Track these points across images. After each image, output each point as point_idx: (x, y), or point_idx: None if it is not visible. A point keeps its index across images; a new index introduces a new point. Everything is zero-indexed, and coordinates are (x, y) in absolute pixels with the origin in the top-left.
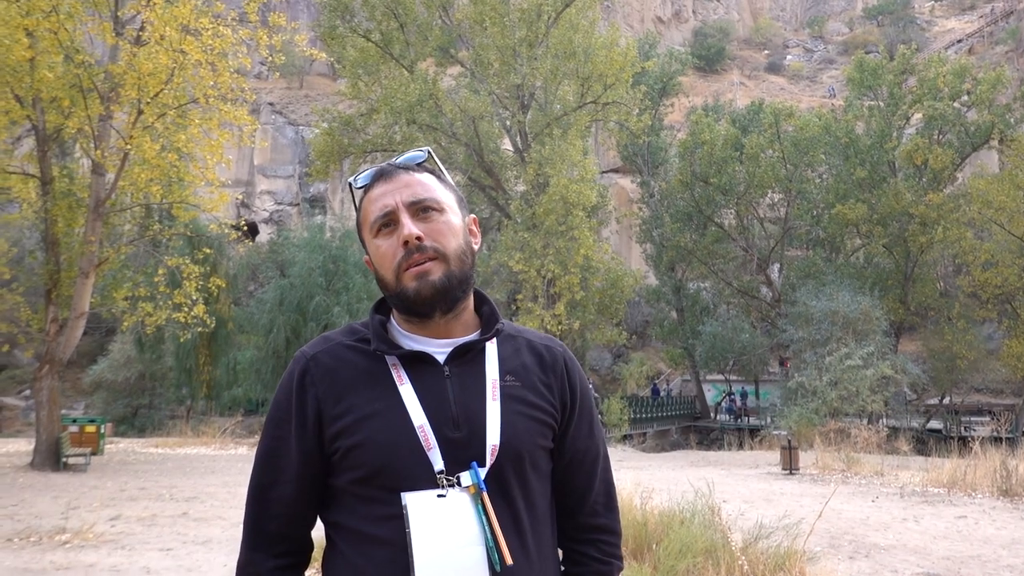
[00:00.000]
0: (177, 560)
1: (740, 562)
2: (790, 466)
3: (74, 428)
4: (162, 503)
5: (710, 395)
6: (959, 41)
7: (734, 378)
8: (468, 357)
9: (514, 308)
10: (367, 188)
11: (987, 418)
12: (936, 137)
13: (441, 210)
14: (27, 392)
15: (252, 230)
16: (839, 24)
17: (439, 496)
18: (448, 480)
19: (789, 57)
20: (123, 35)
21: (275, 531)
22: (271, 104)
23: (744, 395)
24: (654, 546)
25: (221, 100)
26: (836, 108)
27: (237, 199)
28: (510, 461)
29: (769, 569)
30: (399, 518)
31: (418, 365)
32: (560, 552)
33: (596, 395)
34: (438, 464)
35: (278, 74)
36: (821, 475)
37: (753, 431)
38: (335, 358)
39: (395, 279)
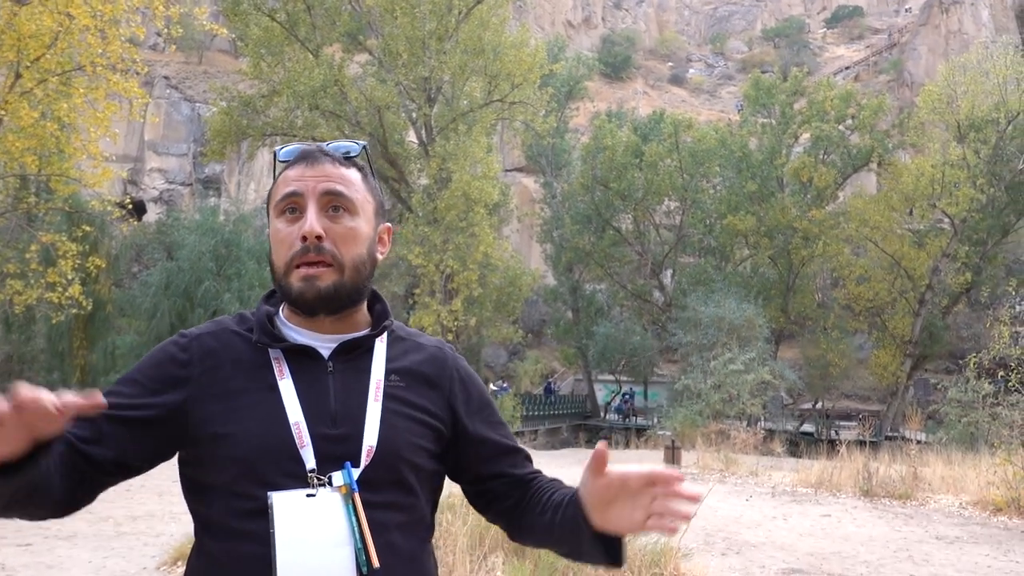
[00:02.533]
0: (36, 556)
1: None
2: (673, 465)
3: None
4: None
5: (601, 395)
6: (847, 68)
7: (624, 379)
8: (355, 354)
9: (411, 302)
10: (288, 164)
11: (854, 423)
12: (821, 157)
13: (353, 212)
14: None
15: (139, 209)
16: (739, 43)
17: (308, 496)
18: (319, 479)
19: (691, 70)
20: None
21: (88, 434)
22: (166, 78)
23: (632, 395)
24: None
25: (110, 70)
26: (732, 123)
27: (123, 176)
28: (386, 462)
29: (645, 565)
30: (266, 514)
31: (301, 359)
32: (512, 514)
33: (494, 388)
34: (310, 462)
35: (175, 47)
36: (701, 474)
37: (640, 431)
38: (219, 341)
39: (284, 270)
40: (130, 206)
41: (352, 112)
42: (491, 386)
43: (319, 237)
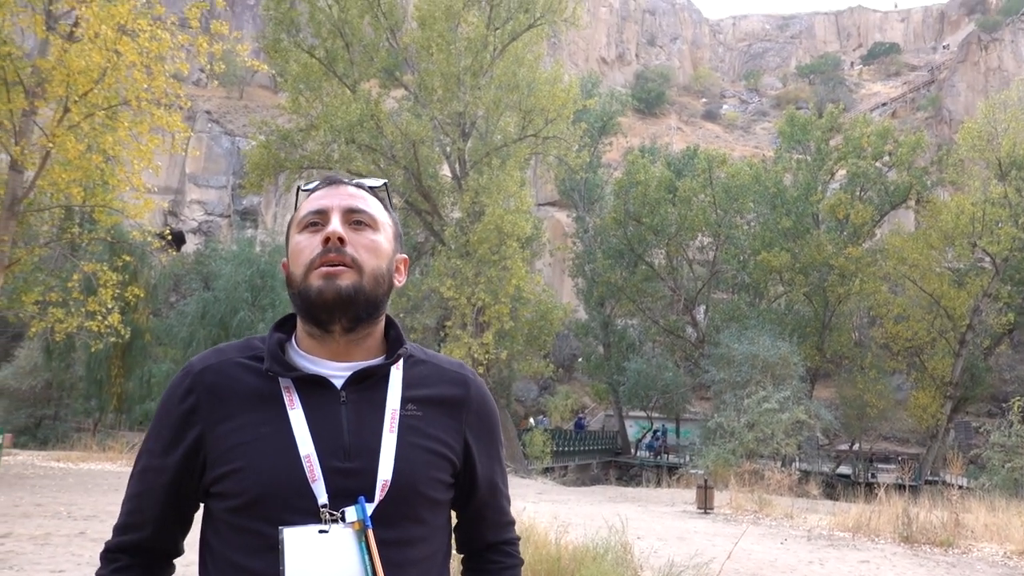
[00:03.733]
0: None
1: None
2: (705, 505)
3: None
4: (58, 521)
5: (632, 431)
6: (883, 104)
7: (656, 415)
8: (369, 383)
9: (443, 335)
10: (311, 192)
11: (893, 465)
12: (858, 193)
13: (375, 228)
14: None
15: (178, 239)
16: (773, 79)
17: (320, 532)
18: (332, 515)
19: (725, 106)
20: (55, 29)
21: (142, 541)
22: (208, 112)
23: (664, 432)
24: None
25: (154, 104)
26: (767, 159)
27: (164, 207)
28: (402, 497)
29: None
30: (276, 551)
31: (313, 389)
32: (469, 561)
33: (530, 422)
34: (322, 497)
35: (217, 83)
36: (734, 515)
37: (672, 469)
38: (223, 376)
39: (303, 275)
40: (169, 237)
41: (388, 146)
42: (530, 420)
43: (341, 239)
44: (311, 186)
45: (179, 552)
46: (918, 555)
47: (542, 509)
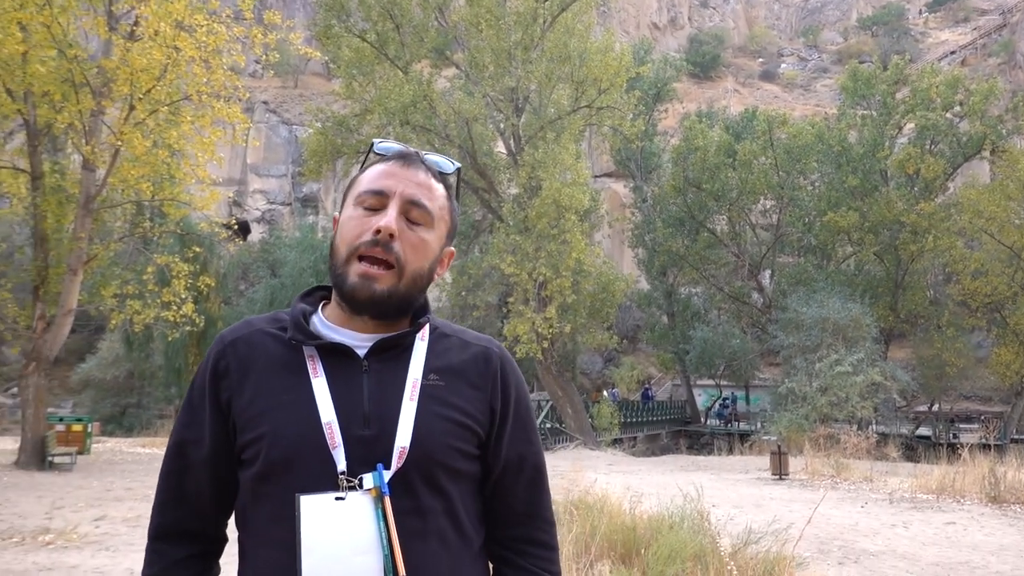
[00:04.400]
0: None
1: (729, 567)
2: (780, 471)
3: (60, 427)
4: (148, 504)
5: (700, 400)
6: (952, 52)
7: (724, 383)
8: (392, 353)
9: (505, 311)
10: (381, 159)
11: (976, 425)
12: (928, 147)
13: (428, 226)
14: (14, 390)
15: (243, 229)
16: (833, 33)
17: (337, 499)
18: (349, 482)
19: (783, 65)
20: (117, 30)
21: (183, 522)
22: (265, 103)
23: (734, 400)
24: (643, 551)
25: (214, 97)
26: (829, 116)
27: (229, 198)
28: (421, 464)
29: (758, 574)
30: (294, 518)
31: (336, 358)
32: (491, 565)
33: (603, 394)
34: (341, 464)
35: (272, 73)
36: (810, 480)
37: (743, 436)
38: (251, 345)
39: (346, 258)
40: (235, 227)
41: (442, 126)
42: (603, 393)
43: (392, 235)
44: (384, 150)
45: (222, 538)
46: (1007, 515)
47: (614, 480)
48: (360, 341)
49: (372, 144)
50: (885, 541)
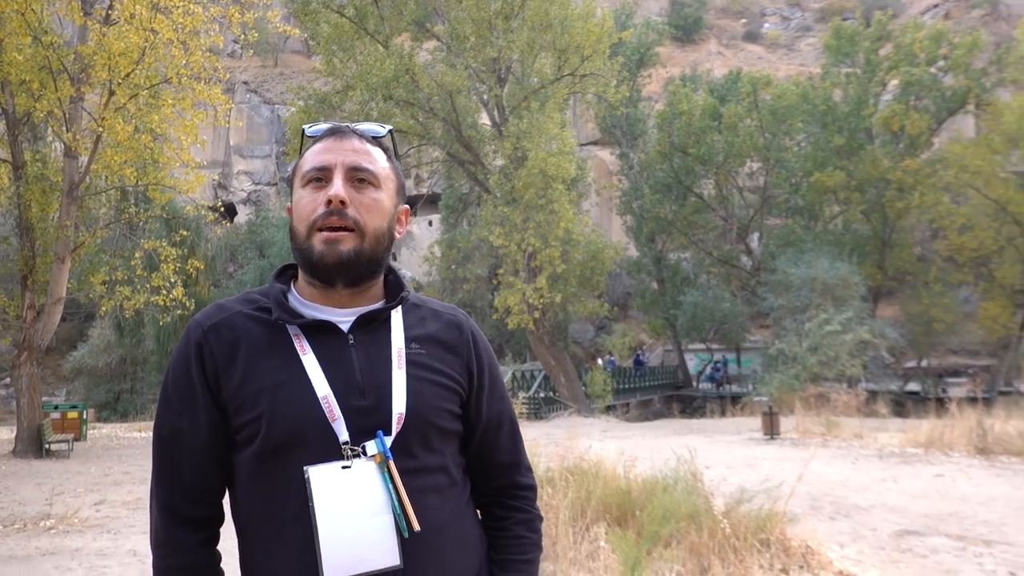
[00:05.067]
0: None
1: (722, 525)
2: (771, 431)
3: (56, 415)
4: (147, 486)
5: (692, 364)
6: (935, 6)
7: (715, 347)
8: (373, 326)
9: (495, 283)
10: (315, 139)
11: (964, 379)
12: (913, 103)
13: (377, 186)
14: (7, 380)
15: (230, 211)
16: None
17: (344, 468)
18: (353, 450)
19: (766, 25)
20: (92, 15)
21: (187, 510)
22: (246, 83)
23: (725, 363)
24: (638, 512)
25: (194, 79)
26: (814, 76)
27: (214, 180)
28: (417, 427)
29: (751, 531)
30: (303, 492)
31: (321, 334)
32: (479, 513)
33: (598, 362)
34: (343, 435)
35: (252, 52)
36: (802, 439)
37: (735, 398)
38: (233, 328)
39: (306, 234)
40: (221, 209)
41: (425, 99)
42: (598, 361)
43: (343, 202)
44: (316, 131)
45: (222, 517)
46: (995, 466)
47: (608, 446)
48: (341, 316)
49: (303, 131)
50: (875, 495)
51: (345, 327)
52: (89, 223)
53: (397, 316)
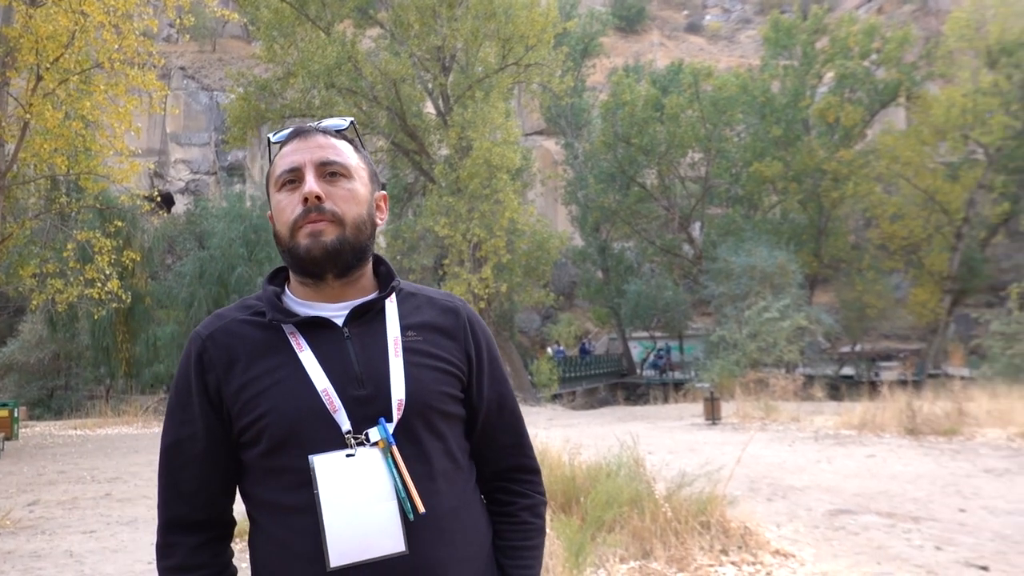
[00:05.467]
0: (101, 542)
1: (664, 509)
2: (712, 417)
3: None
4: (83, 485)
5: (636, 352)
6: (869, 1)
7: (659, 335)
8: (367, 317)
9: (441, 273)
10: (282, 144)
11: (895, 363)
12: (847, 95)
13: (349, 176)
14: None
15: (167, 201)
16: None
17: (348, 456)
18: (356, 439)
19: (708, 17)
20: None
21: (191, 516)
22: (182, 68)
23: (668, 350)
24: (582, 499)
25: (127, 64)
26: (753, 68)
27: (150, 169)
28: (418, 412)
29: (692, 514)
30: (310, 483)
31: (316, 330)
32: (483, 497)
33: (548, 351)
34: (345, 425)
35: (188, 37)
36: (742, 424)
37: (677, 385)
38: (231, 335)
39: (289, 235)
40: (158, 199)
41: (368, 87)
42: (548, 350)
43: (319, 197)
44: (280, 137)
45: (230, 522)
46: (923, 445)
47: (554, 434)
48: (335, 311)
49: (269, 139)
50: (811, 476)
51: (339, 321)
52: (17, 213)
53: (392, 306)
